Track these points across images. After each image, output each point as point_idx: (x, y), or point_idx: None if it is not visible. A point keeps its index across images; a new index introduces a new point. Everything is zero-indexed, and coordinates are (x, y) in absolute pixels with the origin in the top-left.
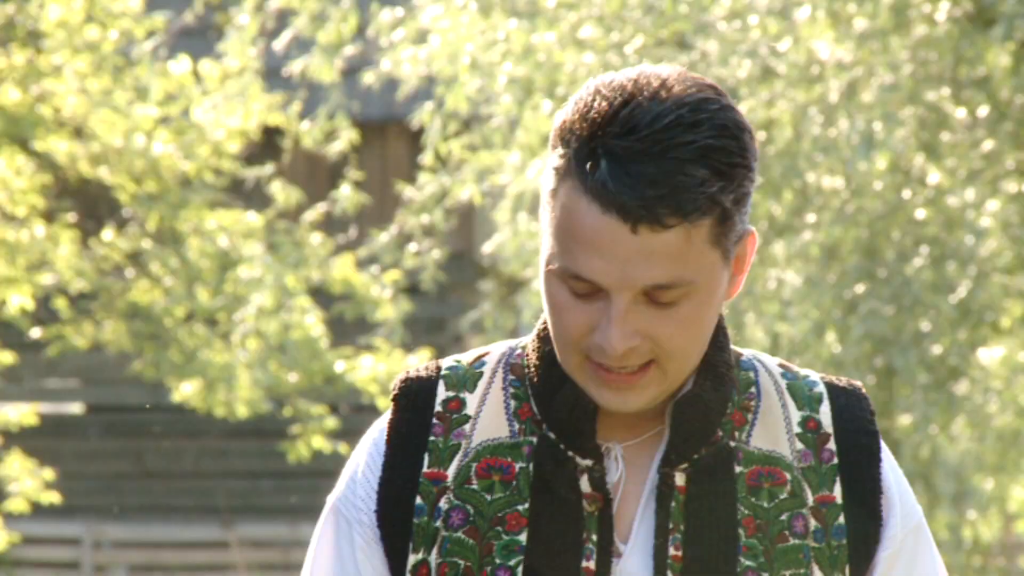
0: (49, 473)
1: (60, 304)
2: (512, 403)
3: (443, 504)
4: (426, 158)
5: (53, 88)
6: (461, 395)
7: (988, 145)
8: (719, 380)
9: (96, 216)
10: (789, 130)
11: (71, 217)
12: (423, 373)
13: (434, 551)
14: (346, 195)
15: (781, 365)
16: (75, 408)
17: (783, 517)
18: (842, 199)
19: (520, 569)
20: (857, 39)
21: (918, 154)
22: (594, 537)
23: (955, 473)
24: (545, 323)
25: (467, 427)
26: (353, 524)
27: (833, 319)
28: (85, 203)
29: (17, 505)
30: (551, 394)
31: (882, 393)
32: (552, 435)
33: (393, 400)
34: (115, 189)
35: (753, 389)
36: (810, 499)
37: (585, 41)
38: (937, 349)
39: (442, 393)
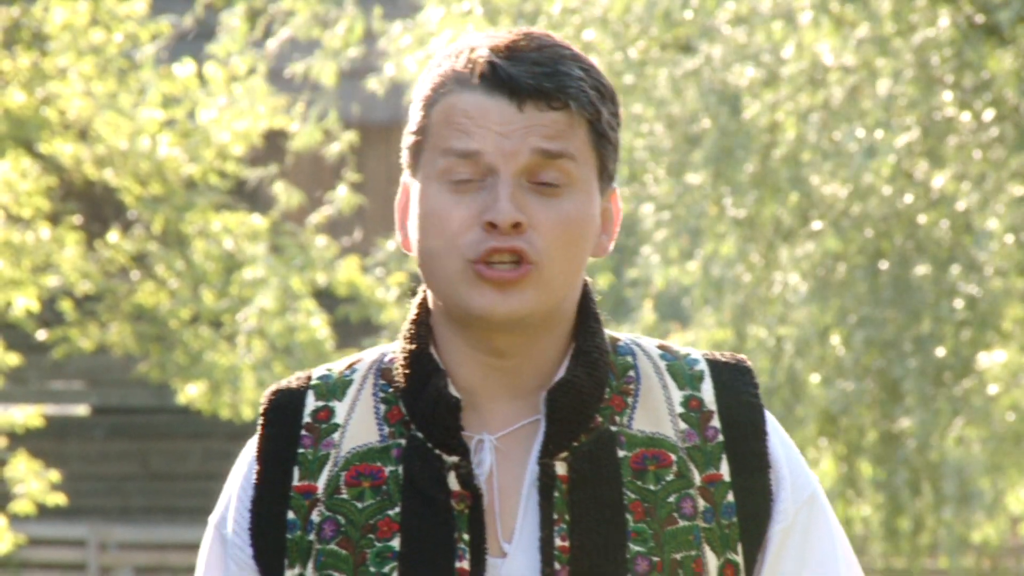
0: (55, 475)
1: (66, 306)
2: (382, 407)
3: (315, 517)
4: None
5: (58, 91)
6: (330, 404)
7: (992, 149)
8: (592, 365)
9: (101, 218)
10: (793, 134)
11: (76, 219)
12: (292, 385)
13: (309, 565)
14: (343, 196)
15: (660, 347)
16: (81, 410)
17: (671, 499)
18: (846, 204)
19: (395, 575)
20: (860, 44)
21: (921, 159)
22: (466, 536)
23: (959, 475)
24: (412, 324)
25: (336, 436)
26: (229, 543)
27: (836, 323)
28: (90, 205)
29: (23, 507)
30: (417, 391)
31: (885, 396)
32: (420, 434)
33: (262, 415)
34: (120, 191)
35: (631, 373)
36: (697, 479)
37: (590, 44)
38: (940, 352)
39: (311, 404)
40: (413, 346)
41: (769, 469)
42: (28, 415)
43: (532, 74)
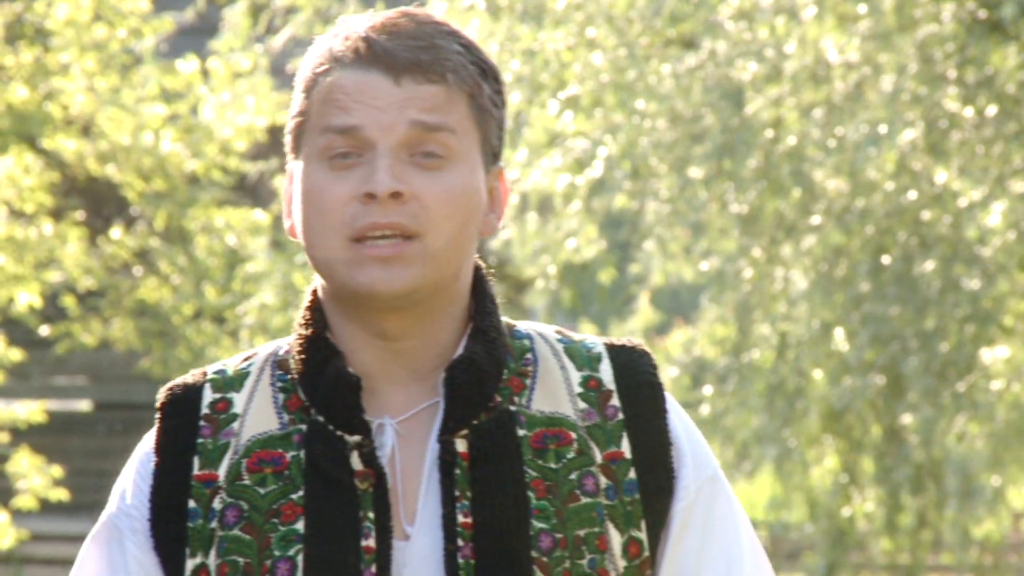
0: (57, 470)
1: (68, 302)
2: (280, 396)
3: (216, 504)
4: None
5: (61, 86)
6: (228, 395)
7: (994, 145)
8: (490, 344)
9: (104, 214)
10: (796, 130)
11: (79, 215)
12: (189, 380)
13: (212, 552)
14: None
15: (558, 331)
16: (83, 405)
17: (572, 476)
18: (848, 199)
19: (300, 558)
20: (863, 39)
21: (924, 154)
22: (371, 515)
23: (962, 471)
24: (306, 310)
25: (236, 425)
26: (126, 534)
27: (840, 318)
28: (93, 201)
29: (25, 502)
30: (316, 376)
31: (888, 392)
32: (321, 418)
33: (159, 409)
34: (123, 187)
35: (529, 355)
36: (598, 457)
37: (594, 41)
38: (943, 348)
39: (208, 396)
40: (309, 331)
41: (670, 447)
42: (30, 411)
43: (408, 48)
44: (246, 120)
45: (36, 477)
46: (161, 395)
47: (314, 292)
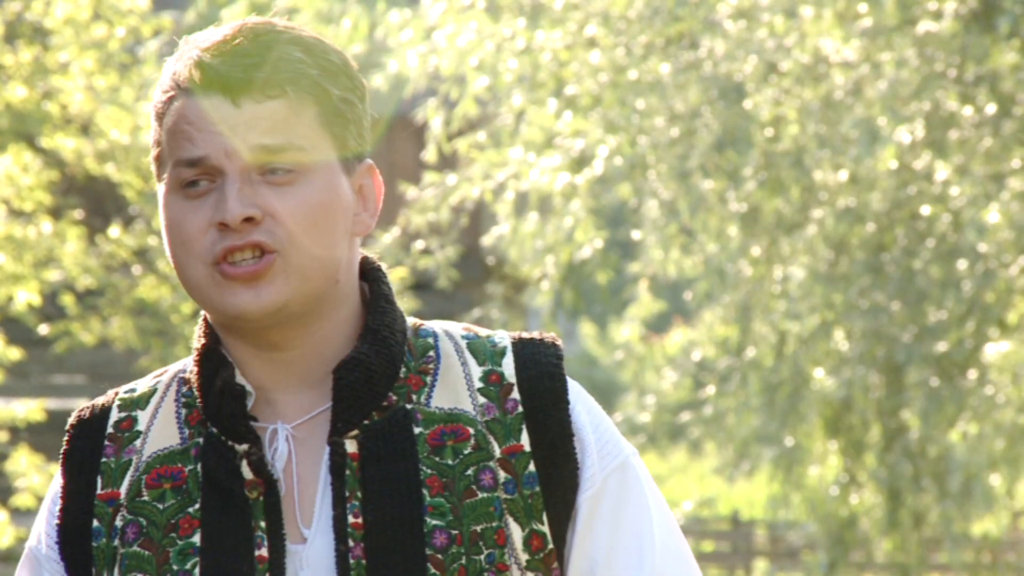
0: (56, 469)
1: (67, 300)
2: (183, 411)
3: (118, 522)
4: (429, 154)
5: (60, 85)
6: (133, 414)
7: (993, 143)
8: (382, 343)
9: (103, 213)
10: (795, 127)
11: (78, 214)
12: (98, 402)
13: (116, 571)
14: None
15: (466, 328)
16: (82, 404)
17: (469, 472)
18: (848, 195)
19: (196, 571)
20: (863, 37)
21: (924, 151)
22: (262, 524)
23: (963, 468)
24: (202, 323)
25: (138, 443)
26: (43, 563)
27: (839, 315)
28: (92, 200)
29: (24, 501)
30: (208, 386)
31: (888, 388)
32: (215, 430)
33: (67, 431)
34: (122, 186)
35: (431, 353)
36: (497, 451)
37: (592, 40)
38: (943, 345)
39: (115, 416)
40: (202, 344)
41: (572, 437)
42: (30, 409)
43: (242, 67)
44: None
45: (35, 476)
46: (71, 418)
47: None
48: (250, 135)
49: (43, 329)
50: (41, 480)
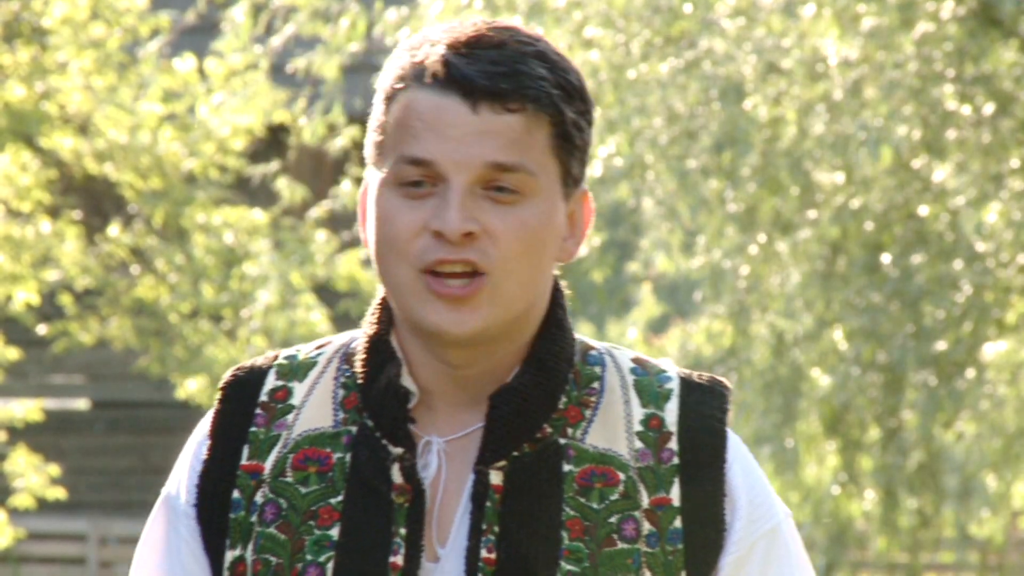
0: (54, 469)
1: (65, 300)
2: (340, 392)
3: (259, 498)
4: None
5: (58, 85)
6: (290, 384)
7: (991, 141)
8: (545, 372)
9: (101, 212)
10: (794, 128)
11: (76, 214)
12: (257, 363)
13: (249, 547)
14: (347, 191)
15: (635, 360)
16: (80, 404)
17: (612, 519)
18: (846, 195)
19: (330, 566)
20: (863, 36)
21: (922, 151)
22: (402, 531)
23: (961, 470)
24: (376, 308)
25: (290, 417)
26: (180, 516)
27: (836, 314)
28: (90, 200)
29: (23, 501)
30: (373, 378)
31: (886, 388)
32: (371, 423)
33: (220, 391)
34: (120, 186)
35: (596, 384)
36: (645, 501)
37: (592, 40)
38: (941, 345)
39: (271, 382)
40: (374, 331)
41: (724, 497)
42: (28, 409)
43: (488, 74)
44: (245, 120)
45: (33, 476)
46: (225, 377)
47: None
48: (483, 148)
49: (41, 329)
50: (39, 480)
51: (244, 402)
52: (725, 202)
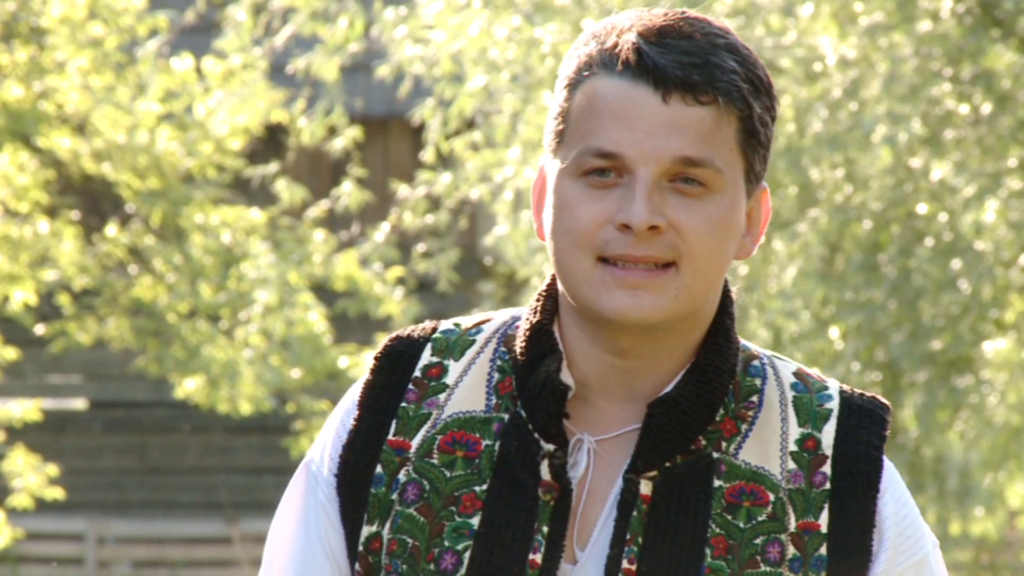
0: (52, 469)
1: (63, 300)
2: (496, 376)
3: (401, 476)
4: (427, 155)
5: (56, 84)
6: (445, 362)
7: (990, 140)
8: (706, 384)
9: (99, 212)
10: (792, 126)
11: (74, 213)
12: (414, 334)
13: (387, 525)
14: (348, 192)
15: (797, 374)
16: (78, 404)
17: (757, 540)
18: (845, 194)
19: (467, 555)
20: (861, 35)
21: (921, 149)
22: (544, 529)
23: (959, 469)
24: (541, 295)
25: (442, 396)
26: (320, 484)
27: (834, 313)
28: (88, 199)
29: (21, 501)
30: (531, 368)
31: (884, 387)
32: (523, 413)
33: (374, 359)
34: (118, 185)
35: (755, 398)
36: (792, 524)
37: None
38: (939, 344)
39: (426, 357)
40: (536, 318)
41: (872, 528)
42: (26, 409)
43: (680, 64)
44: (243, 119)
45: (31, 476)
46: (381, 345)
47: (553, 277)
48: (673, 141)
49: (39, 329)
50: (37, 480)
51: (397, 375)
52: None
